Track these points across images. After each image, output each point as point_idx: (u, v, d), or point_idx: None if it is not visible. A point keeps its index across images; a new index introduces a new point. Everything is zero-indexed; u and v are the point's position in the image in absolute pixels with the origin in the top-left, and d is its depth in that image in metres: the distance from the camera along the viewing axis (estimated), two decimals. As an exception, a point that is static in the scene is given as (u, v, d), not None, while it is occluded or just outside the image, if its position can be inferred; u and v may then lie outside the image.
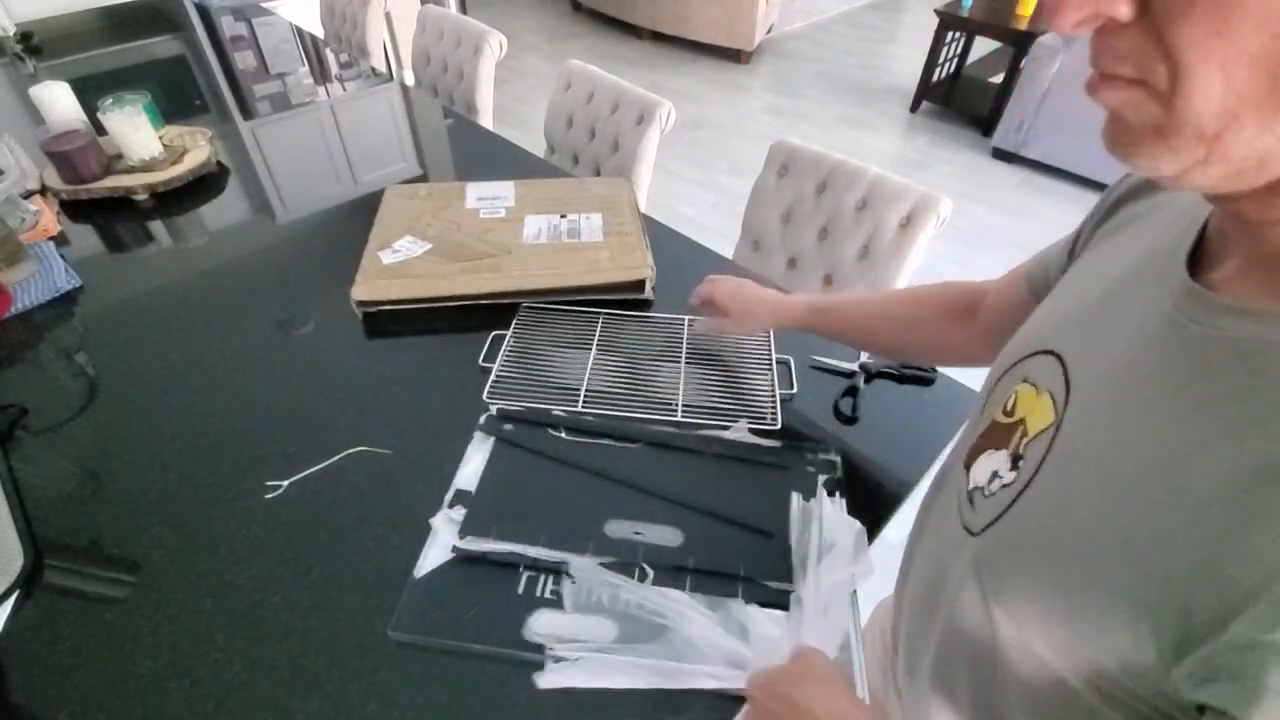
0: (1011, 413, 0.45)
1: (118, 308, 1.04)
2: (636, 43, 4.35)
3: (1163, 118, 0.28)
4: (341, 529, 0.73)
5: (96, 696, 0.60)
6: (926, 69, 3.33)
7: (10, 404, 0.87)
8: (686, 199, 2.88)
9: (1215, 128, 0.27)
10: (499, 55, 1.80)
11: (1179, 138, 0.28)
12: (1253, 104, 0.26)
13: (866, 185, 1.16)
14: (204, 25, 2.10)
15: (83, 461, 0.81)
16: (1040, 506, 0.39)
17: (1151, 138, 0.29)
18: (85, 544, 0.72)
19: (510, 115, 3.44)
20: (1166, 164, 0.29)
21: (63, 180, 1.25)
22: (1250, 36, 0.25)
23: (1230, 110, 0.26)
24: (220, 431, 0.84)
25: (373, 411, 0.86)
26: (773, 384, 0.88)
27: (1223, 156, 0.28)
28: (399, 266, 1.01)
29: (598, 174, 1.59)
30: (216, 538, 0.72)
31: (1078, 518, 0.36)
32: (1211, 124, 0.27)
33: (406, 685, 0.61)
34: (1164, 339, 0.36)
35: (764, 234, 1.32)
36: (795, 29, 4.52)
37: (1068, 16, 0.28)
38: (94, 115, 1.28)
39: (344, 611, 0.66)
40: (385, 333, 0.99)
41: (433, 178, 1.39)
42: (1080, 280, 0.47)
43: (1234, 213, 0.32)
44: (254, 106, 1.67)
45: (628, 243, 1.05)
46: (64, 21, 2.09)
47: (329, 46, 2.03)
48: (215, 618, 0.66)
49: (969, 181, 2.98)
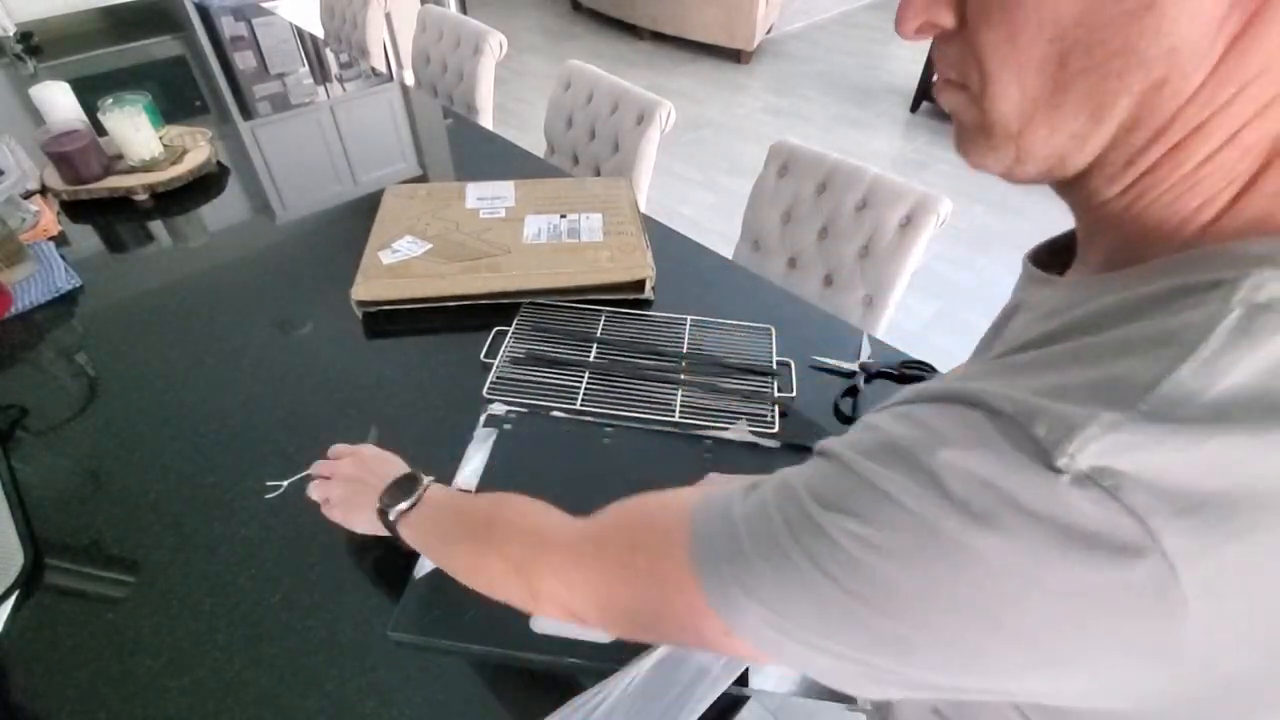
0: None
1: (118, 308, 1.04)
2: (636, 43, 4.35)
3: (981, 118, 0.31)
4: (341, 529, 0.73)
5: (97, 696, 0.60)
6: (926, 69, 3.33)
7: (10, 404, 0.87)
8: (686, 199, 2.88)
9: (1018, 126, 0.30)
10: (499, 55, 1.80)
11: (995, 137, 0.31)
12: (1042, 105, 0.29)
13: (866, 185, 1.16)
14: (204, 25, 2.10)
15: (83, 461, 0.81)
16: None
17: (980, 137, 0.32)
18: (85, 544, 0.72)
19: (510, 115, 3.44)
20: (993, 161, 0.32)
21: (63, 180, 1.25)
22: (1033, 42, 0.27)
23: (1026, 112, 0.29)
24: (220, 431, 0.84)
25: (373, 411, 0.86)
26: (772, 385, 0.89)
27: (1030, 154, 0.31)
28: (399, 266, 1.01)
29: (598, 174, 1.59)
30: (216, 538, 0.72)
31: None
32: (1014, 123, 0.30)
33: (406, 685, 0.61)
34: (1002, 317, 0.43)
35: (764, 234, 1.32)
36: (795, 29, 4.52)
37: (908, 24, 0.31)
38: (94, 115, 1.28)
39: (344, 611, 0.66)
40: (385, 332, 0.99)
41: (433, 178, 1.39)
42: None
43: (1074, 203, 0.35)
44: (254, 106, 1.67)
45: (628, 243, 1.05)
46: (64, 21, 2.09)
47: (329, 46, 2.03)
48: (215, 617, 0.66)
49: (969, 181, 2.98)
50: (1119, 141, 0.29)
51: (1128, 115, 0.28)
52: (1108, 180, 0.31)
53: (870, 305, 1.20)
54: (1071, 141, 0.30)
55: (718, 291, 1.06)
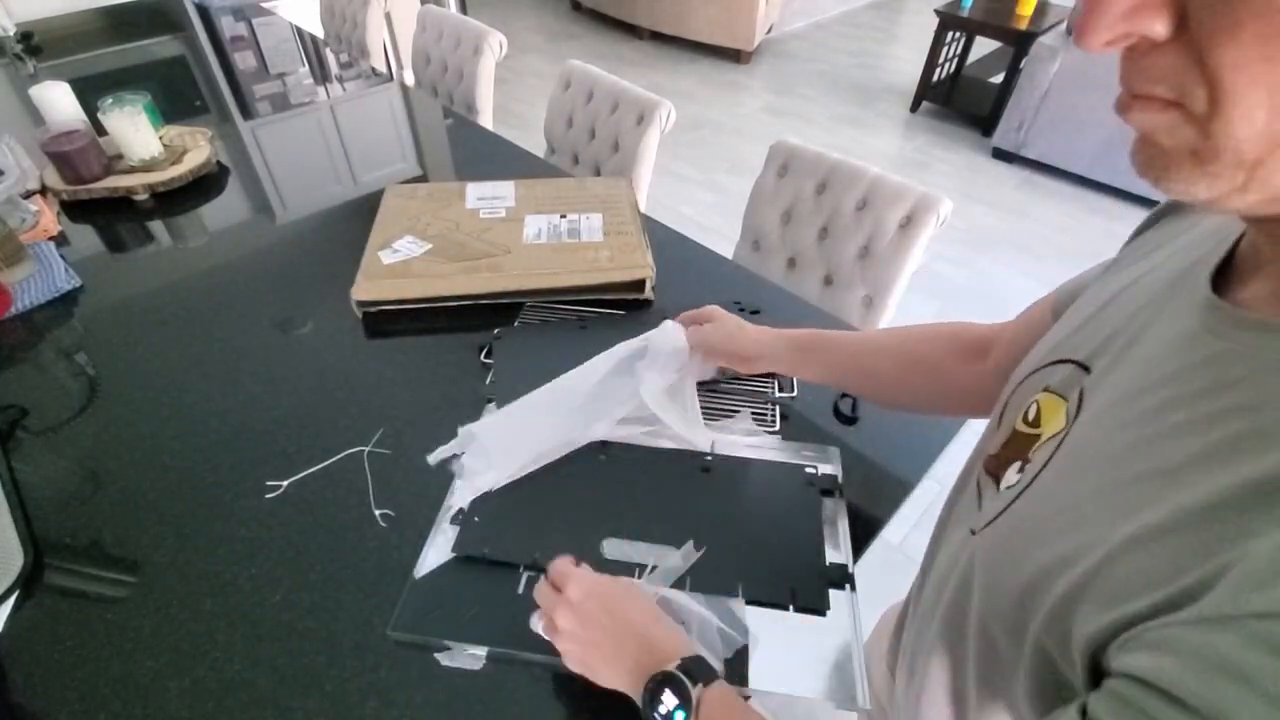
0: (1035, 422, 0.44)
1: (118, 308, 1.04)
2: (636, 43, 4.35)
3: (1199, 142, 0.27)
4: (341, 529, 0.73)
5: (97, 696, 0.60)
6: (926, 69, 3.33)
7: (10, 404, 0.87)
8: (686, 199, 2.88)
9: (1256, 154, 0.26)
10: (499, 55, 1.80)
11: (1217, 164, 0.27)
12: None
13: (866, 185, 1.16)
14: (204, 25, 2.10)
15: (83, 461, 0.81)
16: (1036, 506, 0.39)
17: (1189, 163, 0.27)
18: (85, 544, 0.72)
19: (510, 115, 3.44)
20: (1203, 190, 0.28)
21: (63, 180, 1.25)
22: None
23: (1274, 137, 0.25)
24: (220, 431, 0.84)
25: (373, 411, 0.86)
26: (773, 385, 0.88)
27: (1263, 183, 0.26)
28: (399, 266, 1.01)
29: (598, 174, 1.59)
30: (216, 538, 0.72)
31: (1069, 516, 0.35)
32: (1252, 150, 0.26)
33: (406, 685, 0.61)
34: (1183, 352, 0.34)
35: (764, 234, 1.32)
36: (795, 29, 4.52)
37: (1098, 35, 0.26)
38: (94, 115, 1.28)
39: (344, 611, 0.66)
40: (385, 333, 0.99)
41: (433, 178, 1.39)
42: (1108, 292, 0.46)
43: (1268, 233, 0.31)
44: (254, 106, 1.67)
45: (628, 243, 1.05)
46: (64, 21, 2.09)
47: (329, 46, 2.03)
48: (215, 617, 0.66)
49: (969, 181, 2.98)
50: None
51: None
52: None
53: (870, 305, 1.20)
54: None
55: (718, 291, 1.06)
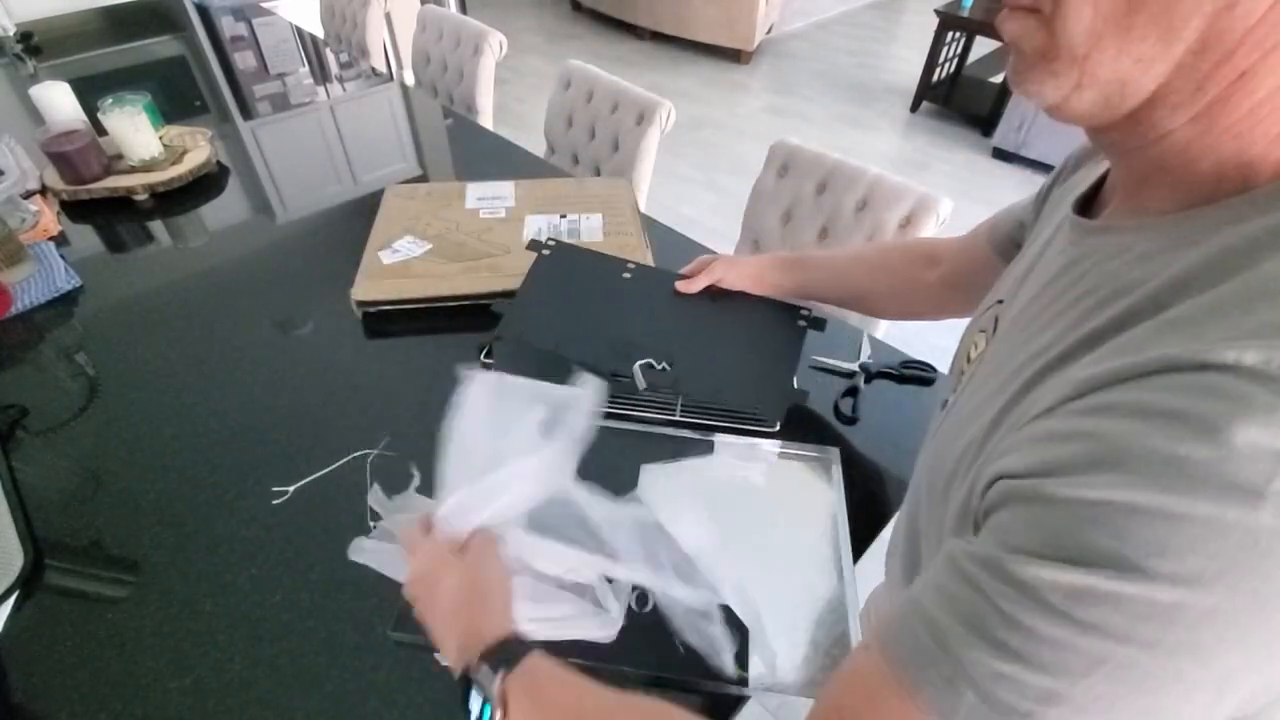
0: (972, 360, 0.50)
1: (118, 308, 1.04)
2: (636, 43, 4.35)
3: (1047, 42, 0.31)
4: (342, 529, 0.72)
5: (97, 696, 0.60)
6: (926, 69, 3.33)
7: (10, 404, 0.87)
8: (687, 199, 2.88)
9: (1085, 48, 0.30)
10: (499, 55, 1.80)
11: (1059, 61, 0.31)
12: (1113, 25, 0.29)
13: (866, 185, 1.16)
14: (204, 25, 2.10)
15: (83, 461, 0.81)
16: (957, 413, 0.45)
17: (1040, 64, 0.32)
18: (85, 544, 0.72)
19: (510, 115, 3.44)
20: (1051, 89, 0.32)
21: (63, 180, 1.25)
22: None
23: (1096, 31, 0.29)
24: (220, 431, 0.84)
25: (372, 411, 0.86)
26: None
27: (1092, 79, 0.30)
28: (399, 266, 1.01)
29: (598, 174, 1.59)
30: (217, 538, 0.72)
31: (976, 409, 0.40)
32: (1082, 45, 0.30)
33: (406, 685, 0.61)
34: (1053, 264, 0.41)
35: (764, 234, 1.32)
36: (795, 29, 4.52)
37: None
38: (94, 115, 1.28)
39: (344, 612, 0.66)
40: (385, 333, 0.99)
41: (433, 178, 1.39)
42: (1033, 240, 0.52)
43: (1109, 144, 0.36)
44: (254, 107, 1.67)
45: (628, 243, 1.05)
46: (64, 21, 2.09)
47: (329, 46, 2.03)
48: (215, 618, 0.66)
49: (969, 181, 2.98)
50: (1186, 66, 0.29)
51: (1196, 38, 0.28)
52: (1173, 109, 0.30)
53: (870, 305, 1.20)
54: (1137, 66, 0.29)
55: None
